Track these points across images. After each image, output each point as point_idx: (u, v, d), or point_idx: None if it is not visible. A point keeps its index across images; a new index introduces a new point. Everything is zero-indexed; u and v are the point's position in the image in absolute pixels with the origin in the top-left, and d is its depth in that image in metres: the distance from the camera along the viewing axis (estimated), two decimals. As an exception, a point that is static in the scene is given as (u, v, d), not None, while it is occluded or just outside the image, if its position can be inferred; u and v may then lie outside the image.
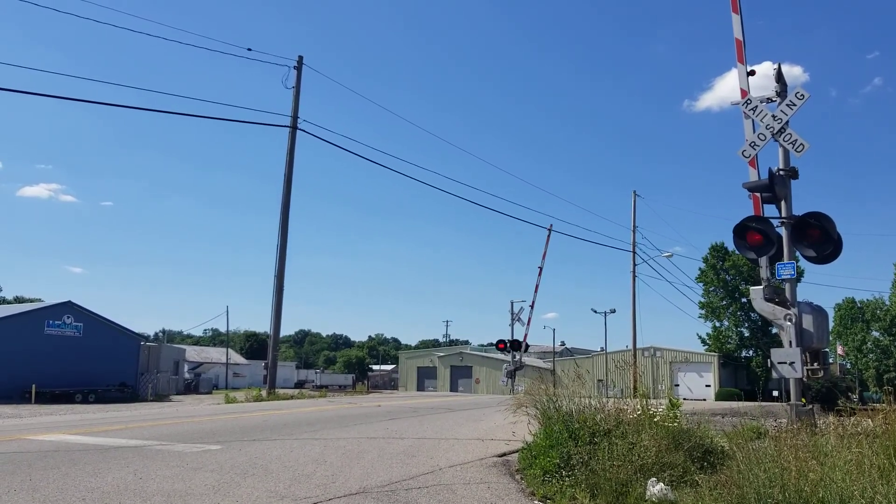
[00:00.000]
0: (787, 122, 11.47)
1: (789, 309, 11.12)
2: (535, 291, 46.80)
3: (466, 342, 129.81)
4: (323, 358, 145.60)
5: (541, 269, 46.71)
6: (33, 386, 37.30)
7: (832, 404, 10.84)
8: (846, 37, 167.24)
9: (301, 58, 34.27)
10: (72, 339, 44.02)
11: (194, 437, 11.72)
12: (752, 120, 11.91)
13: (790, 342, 10.80)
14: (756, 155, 11.73)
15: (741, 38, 12.37)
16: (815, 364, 10.87)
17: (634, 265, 50.56)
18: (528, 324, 48.01)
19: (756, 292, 11.58)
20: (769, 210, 11.65)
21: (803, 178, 11.79)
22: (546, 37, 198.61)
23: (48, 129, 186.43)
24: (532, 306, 47.26)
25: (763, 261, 11.57)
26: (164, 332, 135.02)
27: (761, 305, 11.45)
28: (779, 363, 10.73)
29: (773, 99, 11.89)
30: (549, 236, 46.39)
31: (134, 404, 35.84)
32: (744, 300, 67.03)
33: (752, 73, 12.38)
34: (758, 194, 11.71)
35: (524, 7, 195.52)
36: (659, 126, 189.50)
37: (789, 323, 10.98)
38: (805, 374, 10.67)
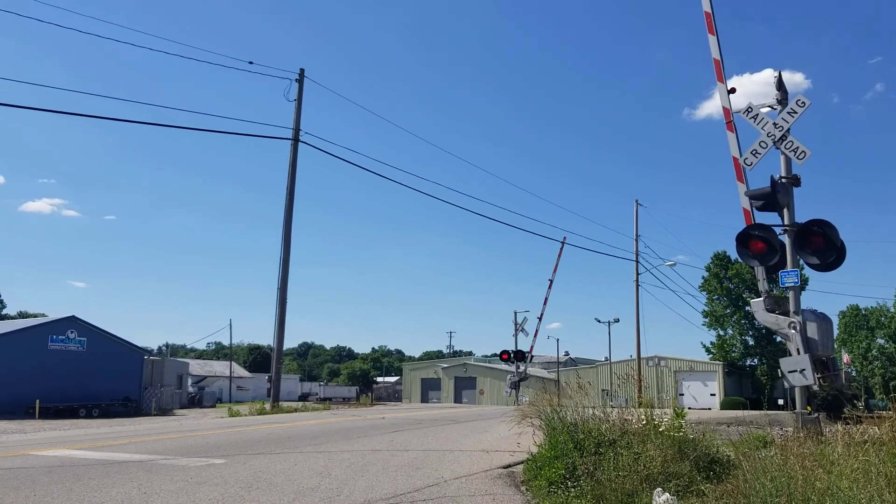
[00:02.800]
0: (788, 130, 11.49)
1: (793, 317, 11.10)
2: (545, 304, 46.64)
3: (470, 353, 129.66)
4: (326, 370, 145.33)
5: (551, 281, 46.48)
6: (37, 401, 37.28)
7: (838, 412, 10.77)
8: (848, 42, 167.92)
9: (302, 70, 34.45)
10: (75, 354, 44.02)
11: (198, 451, 11.70)
12: (737, 135, 12.13)
13: (798, 350, 10.74)
14: (744, 169, 11.81)
15: (719, 58, 12.67)
16: (825, 372, 10.78)
17: (638, 274, 50.50)
18: (535, 335, 47.98)
19: (757, 304, 11.56)
20: (772, 218, 11.65)
21: (806, 185, 11.81)
22: (547, 45, 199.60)
23: (50, 144, 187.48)
24: (540, 318, 47.14)
25: (760, 272, 11.60)
26: (167, 345, 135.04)
27: (764, 317, 11.41)
28: (789, 372, 10.65)
29: (774, 106, 11.93)
30: (561, 249, 46.20)
31: (138, 419, 35.77)
32: (747, 308, 66.81)
33: (732, 90, 12.65)
34: (749, 208, 11.80)
35: (526, 16, 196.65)
36: (660, 134, 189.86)
37: (793, 331, 10.94)
38: (817, 381, 10.59)
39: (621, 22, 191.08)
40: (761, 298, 11.55)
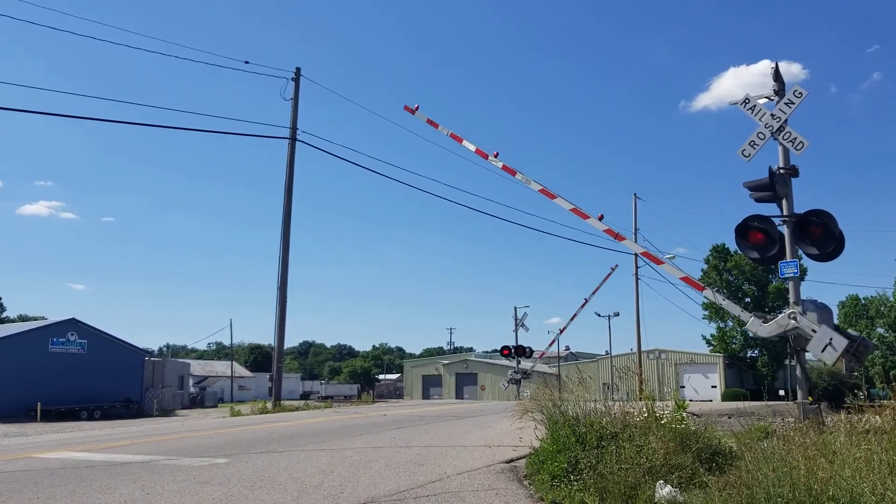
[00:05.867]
0: (785, 121, 11.49)
1: (793, 307, 11.11)
2: (571, 319, 46.91)
3: (471, 349, 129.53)
4: (328, 369, 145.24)
5: (587, 300, 46.52)
6: (38, 404, 37.26)
7: (839, 402, 10.77)
8: (845, 32, 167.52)
9: (298, 69, 34.40)
10: (76, 357, 43.97)
11: (201, 451, 11.71)
12: (637, 236, 12.28)
13: (812, 329, 10.70)
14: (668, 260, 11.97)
15: (575, 207, 14.64)
16: (851, 341, 10.58)
17: (637, 268, 50.46)
18: (553, 343, 49.37)
19: (753, 324, 11.56)
20: (770, 209, 11.66)
21: (804, 175, 11.81)
22: (543, 42, 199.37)
23: (47, 146, 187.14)
24: (562, 331, 47.66)
25: (735, 309, 12.05)
26: (168, 346, 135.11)
27: (766, 329, 11.34)
28: (821, 352, 10.56)
29: (772, 98, 11.92)
30: (608, 275, 46.24)
31: (139, 420, 35.79)
32: (747, 300, 66.85)
33: (601, 217, 14.47)
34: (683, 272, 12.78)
35: (521, 13, 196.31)
36: (656, 128, 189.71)
37: (794, 322, 10.94)
38: (851, 350, 10.44)
39: (616, 17, 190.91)
40: (751, 318, 11.63)
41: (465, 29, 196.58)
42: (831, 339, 10.45)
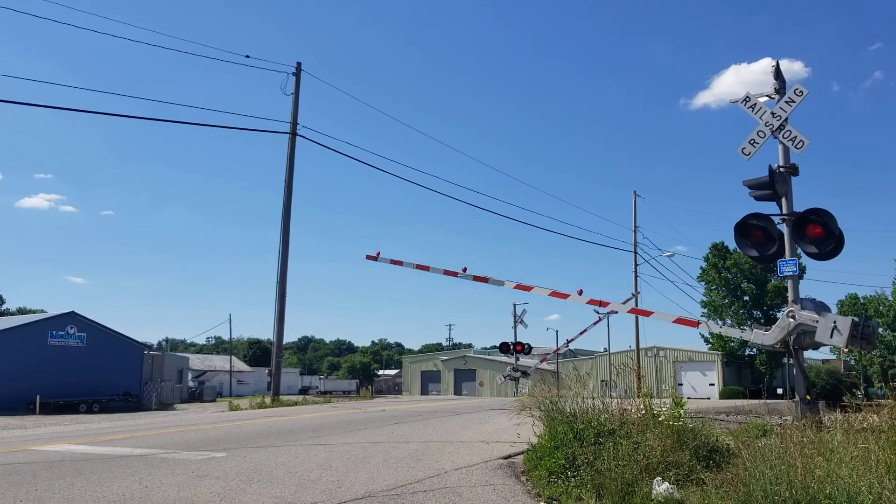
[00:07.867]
0: (786, 119, 11.48)
1: (791, 306, 11.11)
2: (581, 333, 47.02)
3: (470, 345, 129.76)
4: (327, 364, 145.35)
5: (601, 317, 46.42)
6: (37, 397, 37.30)
7: (837, 401, 10.77)
8: (847, 29, 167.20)
9: (299, 64, 34.35)
10: (75, 350, 44.00)
11: (199, 445, 11.72)
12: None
13: (815, 320, 10.70)
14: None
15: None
16: (855, 327, 10.52)
17: (636, 265, 50.48)
18: (557, 351, 49.38)
19: (757, 335, 11.62)
20: (770, 207, 11.66)
21: (804, 173, 11.80)
22: (542, 39, 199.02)
23: (47, 140, 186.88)
24: (569, 341, 47.76)
25: (735, 332, 12.09)
26: (167, 340, 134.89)
27: (772, 336, 11.33)
28: (830, 338, 10.53)
29: (772, 96, 11.91)
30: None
31: (138, 413, 35.83)
32: (745, 298, 66.95)
33: (553, 292, 14.80)
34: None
35: (520, 11, 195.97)
36: (656, 125, 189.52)
37: (794, 319, 10.94)
38: (857, 334, 10.40)
39: (616, 14, 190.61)
40: (753, 332, 11.69)
41: (464, 25, 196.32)
42: (835, 322, 10.45)
